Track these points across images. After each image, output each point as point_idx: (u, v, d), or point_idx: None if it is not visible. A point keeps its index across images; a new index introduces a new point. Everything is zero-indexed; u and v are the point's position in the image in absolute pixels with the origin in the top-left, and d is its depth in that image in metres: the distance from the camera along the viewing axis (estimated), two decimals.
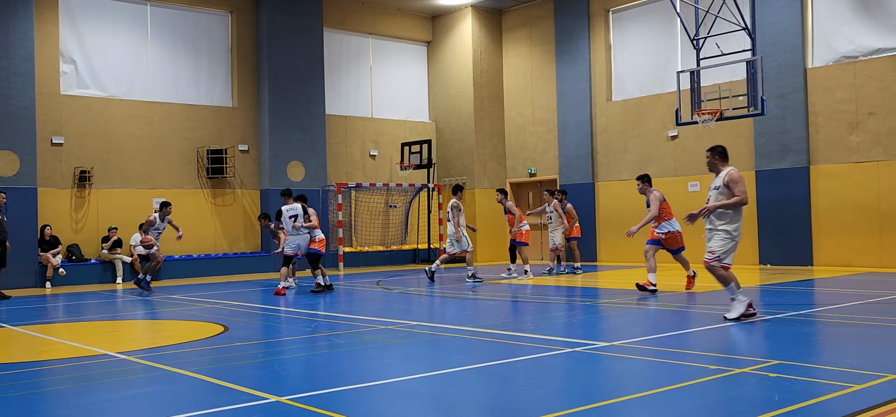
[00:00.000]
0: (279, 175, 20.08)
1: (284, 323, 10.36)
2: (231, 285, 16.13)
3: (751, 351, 7.19)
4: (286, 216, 13.51)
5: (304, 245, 13.61)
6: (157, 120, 18.96)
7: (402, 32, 23.22)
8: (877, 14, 16.38)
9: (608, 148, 20.71)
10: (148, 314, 11.88)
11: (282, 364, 7.18)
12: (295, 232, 13.51)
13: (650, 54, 20.05)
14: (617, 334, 8.31)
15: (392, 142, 22.77)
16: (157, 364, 7.02)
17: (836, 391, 5.31)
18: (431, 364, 6.94)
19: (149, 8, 19.15)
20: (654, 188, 12.44)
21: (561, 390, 5.85)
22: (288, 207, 13.62)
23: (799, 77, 17.10)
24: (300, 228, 13.51)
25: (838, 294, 11.63)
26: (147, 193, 18.70)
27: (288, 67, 20.26)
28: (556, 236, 16.62)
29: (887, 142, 16.03)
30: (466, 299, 12.44)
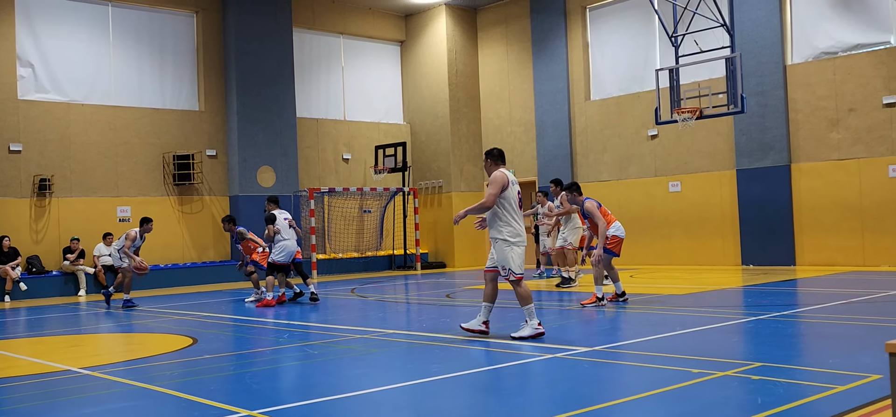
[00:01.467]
0: (249, 180, 19.53)
1: (256, 334, 10.16)
2: (200, 295, 15.69)
3: (734, 354, 7.14)
4: (282, 219, 12.95)
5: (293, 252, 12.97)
6: (120, 125, 18.32)
7: (374, 32, 22.80)
8: (856, 9, 16.27)
9: (587, 148, 20.43)
10: (113, 327, 11.59)
11: (253, 376, 6.98)
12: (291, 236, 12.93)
13: (628, 52, 19.82)
14: (598, 339, 8.25)
15: (366, 145, 22.32)
16: (122, 380, 6.83)
17: (819, 392, 5.32)
18: (409, 374, 6.76)
19: (110, 8, 18.52)
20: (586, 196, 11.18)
21: (542, 397, 5.74)
22: (280, 211, 13.15)
23: (778, 74, 16.94)
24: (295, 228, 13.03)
25: (821, 293, 11.58)
26: (111, 201, 18.06)
27: (256, 69, 19.73)
28: (548, 239, 16.32)
29: (868, 139, 15.90)
30: (444, 306, 12.18)
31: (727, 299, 11.67)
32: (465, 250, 22.40)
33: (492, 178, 8.05)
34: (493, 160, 8.24)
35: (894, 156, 15.55)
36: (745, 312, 10.02)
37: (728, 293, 12.45)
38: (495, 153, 8.28)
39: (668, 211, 18.67)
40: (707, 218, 18.11)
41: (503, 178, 7.96)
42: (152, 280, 18.00)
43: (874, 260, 15.76)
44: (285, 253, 12.79)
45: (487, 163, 8.30)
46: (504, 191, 7.93)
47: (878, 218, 15.74)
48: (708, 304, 10.89)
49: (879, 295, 10.85)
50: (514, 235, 7.95)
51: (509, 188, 7.98)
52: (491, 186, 8.00)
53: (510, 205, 7.95)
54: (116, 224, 18.02)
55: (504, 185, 7.94)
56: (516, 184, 8.16)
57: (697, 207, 18.27)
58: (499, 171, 8.06)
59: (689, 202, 18.43)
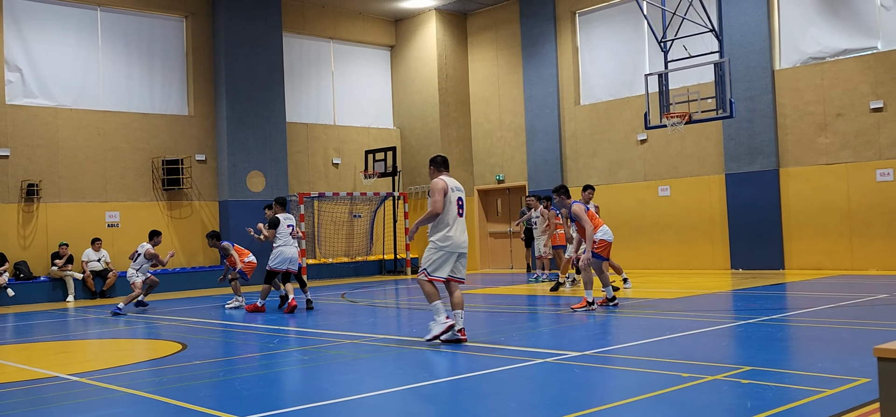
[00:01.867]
0: (238, 185, 19.47)
1: (246, 339, 10.10)
2: (190, 301, 15.63)
3: (724, 358, 7.18)
4: (285, 224, 12.43)
5: (295, 259, 12.48)
6: (108, 130, 18.23)
7: (364, 37, 22.79)
8: (843, 15, 16.38)
9: (577, 152, 20.47)
10: (102, 333, 11.54)
11: (243, 382, 6.96)
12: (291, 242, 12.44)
13: (618, 57, 19.88)
14: (588, 343, 8.24)
15: (356, 149, 22.30)
16: (111, 386, 6.76)
17: (809, 396, 5.33)
18: (400, 379, 6.75)
19: (99, 13, 18.44)
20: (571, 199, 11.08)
21: (533, 402, 5.73)
22: (285, 216, 12.57)
23: (767, 79, 17.03)
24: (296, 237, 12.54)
25: (810, 297, 11.62)
26: (99, 207, 17.97)
27: (246, 74, 19.68)
28: (541, 243, 16.38)
29: (856, 144, 16.00)
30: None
31: (717, 303, 11.71)
32: None
33: (432, 185, 8.28)
34: (436, 167, 8.45)
35: (882, 161, 15.65)
36: (735, 316, 10.06)
37: (718, 297, 12.50)
38: (438, 160, 8.49)
39: (658, 215, 18.72)
40: (696, 223, 18.17)
41: (444, 185, 8.19)
42: None
43: (862, 263, 15.85)
44: (280, 259, 12.30)
45: (431, 170, 8.53)
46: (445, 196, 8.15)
47: (866, 223, 15.83)
48: (698, 308, 10.92)
49: (867, 298, 10.91)
50: (445, 240, 8.15)
51: (450, 194, 8.21)
52: (434, 193, 8.20)
53: (449, 211, 8.15)
54: (105, 229, 17.93)
55: (445, 192, 8.16)
56: (460, 191, 8.34)
57: (687, 212, 18.33)
58: (439, 178, 8.29)
59: (678, 206, 18.49)
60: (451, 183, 8.27)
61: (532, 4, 21.19)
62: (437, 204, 8.11)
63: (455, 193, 8.25)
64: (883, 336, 7.54)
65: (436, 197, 8.14)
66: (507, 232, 22.52)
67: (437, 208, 8.12)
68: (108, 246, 17.72)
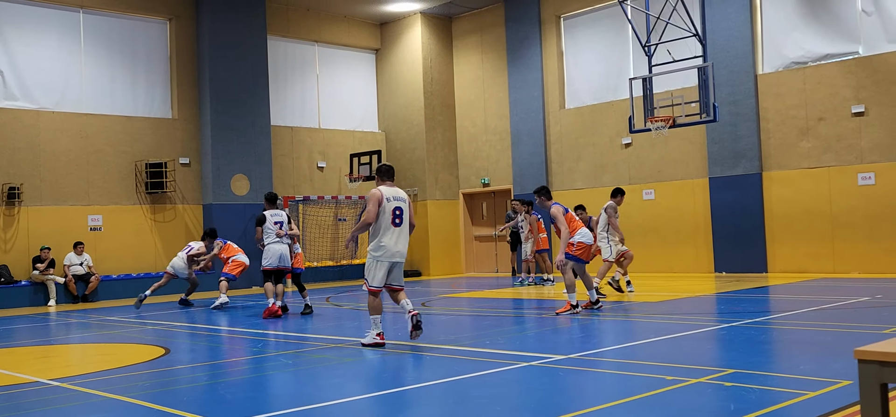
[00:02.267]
0: (223, 189, 19.36)
1: (229, 343, 10.04)
2: (173, 305, 15.49)
3: (707, 361, 7.21)
4: (271, 222, 12.19)
5: (286, 256, 12.23)
6: (91, 133, 18.09)
7: (349, 40, 22.74)
8: (825, 20, 16.52)
9: (562, 156, 20.52)
10: (83, 337, 11.42)
11: (226, 386, 6.92)
12: (277, 240, 12.18)
13: (603, 61, 19.96)
14: (573, 347, 8.24)
15: (341, 153, 22.24)
16: (92, 391, 6.68)
17: (791, 398, 5.37)
18: (384, 383, 6.74)
19: (81, 15, 18.30)
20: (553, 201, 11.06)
21: (518, 406, 5.75)
22: (272, 212, 12.32)
23: (750, 83, 17.14)
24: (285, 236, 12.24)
25: (792, 300, 11.70)
26: (81, 210, 17.82)
27: (231, 77, 19.59)
28: (528, 247, 16.50)
29: (837, 148, 16.13)
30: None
31: (700, 306, 11.76)
32: (441, 258, 22.38)
33: (370, 195, 8.40)
34: (379, 176, 8.63)
35: (863, 165, 15.79)
36: (719, 319, 10.10)
37: (701, 300, 12.56)
38: (382, 170, 8.67)
39: (642, 218, 18.79)
40: (680, 226, 18.25)
41: (379, 195, 8.34)
42: (124, 289, 17.78)
43: (844, 267, 15.97)
44: (269, 257, 12.08)
45: (375, 179, 8.69)
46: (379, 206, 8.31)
47: (848, 226, 15.96)
48: (682, 311, 10.97)
49: (849, 301, 10.99)
50: (377, 249, 8.32)
51: (384, 204, 8.33)
52: (369, 203, 8.35)
53: (383, 221, 8.30)
54: (87, 233, 17.79)
55: (380, 201, 8.30)
56: (399, 200, 8.44)
57: (671, 215, 18.41)
58: (377, 188, 8.44)
59: (662, 210, 18.57)
60: (388, 192, 8.41)
61: (517, 8, 21.24)
62: (368, 213, 8.32)
63: (391, 203, 8.38)
64: (864, 338, 7.60)
65: (369, 206, 8.34)
66: (492, 235, 22.53)
67: (368, 218, 8.31)
68: (91, 249, 17.58)
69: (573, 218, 10.97)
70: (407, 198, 8.58)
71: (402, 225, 8.41)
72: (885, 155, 15.51)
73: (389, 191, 8.42)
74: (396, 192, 8.49)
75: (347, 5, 21.77)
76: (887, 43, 15.66)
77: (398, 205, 8.42)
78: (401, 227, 8.40)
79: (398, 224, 8.38)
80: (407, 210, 8.49)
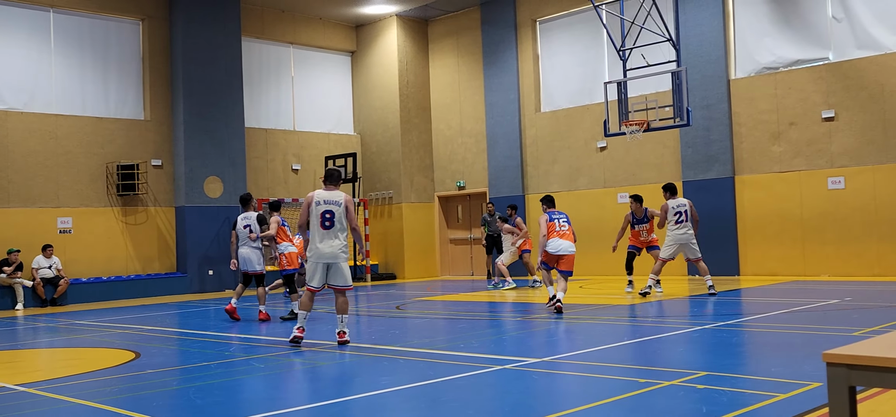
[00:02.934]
0: (196, 191, 19.18)
1: (201, 347, 9.90)
2: (144, 308, 15.34)
3: (680, 363, 7.24)
4: (241, 225, 11.94)
5: (251, 259, 11.86)
6: (61, 134, 17.84)
7: (324, 42, 22.65)
8: (796, 26, 16.72)
9: (537, 159, 20.58)
10: (51, 342, 11.25)
11: (197, 391, 6.85)
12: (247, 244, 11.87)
13: (578, 65, 20.05)
14: (546, 350, 8.28)
15: (315, 155, 22.13)
16: (60, 396, 6.63)
17: (762, 400, 5.42)
18: (359, 387, 6.71)
19: (51, 15, 18.04)
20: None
21: (491, 409, 5.80)
22: (243, 216, 12.02)
23: (722, 88, 17.31)
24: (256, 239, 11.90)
25: (764, 303, 11.81)
26: (51, 212, 17.56)
27: (204, 78, 19.41)
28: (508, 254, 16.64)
29: (808, 152, 16.33)
30: (394, 317, 12.09)
31: (673, 309, 11.84)
32: (416, 261, 22.34)
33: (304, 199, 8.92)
34: (323, 180, 8.96)
35: (833, 169, 15.99)
36: (691, 322, 10.17)
37: (674, 303, 12.64)
38: (326, 174, 8.99)
39: (617, 222, 18.77)
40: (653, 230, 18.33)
41: (310, 198, 8.82)
42: (94, 292, 17.54)
43: (814, 269, 16.16)
44: (241, 261, 11.92)
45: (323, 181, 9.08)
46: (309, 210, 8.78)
47: (818, 229, 16.16)
48: (655, 314, 11.03)
49: (819, 304, 11.12)
50: (310, 251, 8.79)
51: (313, 207, 8.73)
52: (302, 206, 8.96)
53: (313, 223, 8.72)
54: (56, 235, 17.53)
55: (309, 204, 8.78)
56: (330, 204, 8.71)
57: None
58: (314, 192, 8.87)
59: None
60: (320, 196, 8.76)
61: (493, 11, 21.28)
62: (300, 216, 8.86)
63: (321, 206, 8.71)
64: (834, 340, 7.69)
65: (301, 210, 8.84)
66: (467, 238, 22.53)
67: (299, 220, 8.93)
68: (60, 252, 17.32)
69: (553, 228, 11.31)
70: (343, 201, 8.71)
71: (331, 227, 8.68)
72: (855, 159, 15.72)
73: (322, 195, 8.75)
74: (330, 196, 8.75)
75: (323, 7, 21.68)
76: (857, 49, 15.89)
77: (329, 209, 8.69)
78: (330, 230, 8.69)
79: (328, 226, 8.68)
80: (340, 213, 8.68)
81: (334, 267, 8.75)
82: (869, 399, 5.19)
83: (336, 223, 8.69)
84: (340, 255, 8.75)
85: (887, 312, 9.86)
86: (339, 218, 8.70)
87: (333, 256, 8.71)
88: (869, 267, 15.49)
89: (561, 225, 11.49)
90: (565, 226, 11.51)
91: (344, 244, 8.76)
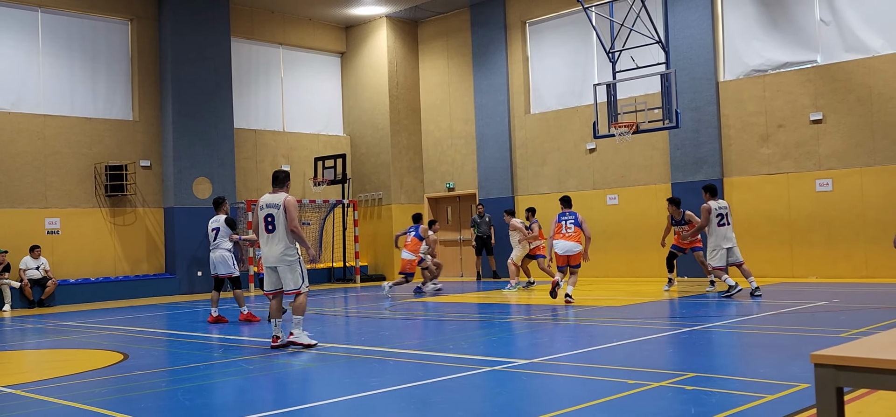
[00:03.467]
0: (184, 192, 19.11)
1: (190, 348, 9.85)
2: (133, 309, 15.27)
3: (668, 364, 7.27)
4: (210, 229, 12.01)
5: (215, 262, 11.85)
6: (49, 134, 17.74)
7: (314, 43, 22.61)
8: (784, 29, 16.81)
9: (527, 161, 20.61)
10: (39, 343, 11.18)
11: (186, 392, 6.83)
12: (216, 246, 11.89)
13: (567, 67, 20.09)
14: (536, 351, 8.29)
15: (305, 156, 22.09)
16: (47, 398, 6.61)
17: (750, 401, 5.45)
18: (348, 388, 6.70)
19: (39, 14, 17.94)
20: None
21: (481, 411, 5.80)
22: (213, 219, 12.05)
23: (711, 90, 17.38)
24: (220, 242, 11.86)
25: (752, 304, 11.82)
26: (38, 213, 17.46)
27: (193, 79, 19.35)
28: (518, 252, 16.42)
29: (796, 154, 16.42)
30: (383, 319, 12.08)
31: (662, 310, 11.88)
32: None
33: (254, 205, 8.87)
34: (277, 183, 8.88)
35: (821, 171, 16.08)
36: (680, 323, 10.21)
37: (663, 304, 12.68)
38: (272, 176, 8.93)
39: (606, 223, 18.93)
40: (643, 231, 18.41)
41: (257, 203, 8.84)
42: (82, 293, 17.45)
43: (802, 271, 16.25)
44: (210, 265, 11.99)
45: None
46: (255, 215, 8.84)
47: (806, 231, 16.24)
48: (644, 316, 11.06)
49: (807, 305, 11.18)
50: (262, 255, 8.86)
51: (257, 211, 8.75)
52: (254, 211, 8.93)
53: (260, 228, 8.78)
54: (44, 236, 17.43)
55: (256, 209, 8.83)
56: (270, 208, 8.65)
57: (634, 220, 18.57)
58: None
59: (626, 214, 18.73)
60: (263, 200, 8.73)
61: (483, 13, 21.30)
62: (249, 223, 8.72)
63: (264, 210, 8.67)
64: (821, 342, 7.73)
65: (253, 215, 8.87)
66: (457, 239, 22.54)
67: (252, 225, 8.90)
68: (48, 253, 17.23)
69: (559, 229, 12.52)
70: (281, 204, 8.55)
71: (273, 231, 8.59)
72: (843, 161, 15.82)
73: (265, 199, 8.70)
74: (272, 199, 8.65)
75: (312, 8, 21.65)
76: (844, 52, 15.99)
77: (270, 213, 8.61)
78: (272, 234, 8.61)
79: (270, 230, 8.62)
80: (279, 216, 8.53)
81: (277, 272, 8.68)
82: (856, 400, 5.22)
83: (277, 227, 8.55)
84: (283, 260, 8.57)
85: (875, 313, 9.93)
86: (279, 222, 8.54)
87: (275, 260, 8.60)
88: (856, 268, 15.58)
89: (567, 227, 12.38)
90: (571, 227, 12.38)
91: (287, 247, 8.55)
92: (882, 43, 15.55)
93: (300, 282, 8.71)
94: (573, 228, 12.24)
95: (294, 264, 8.66)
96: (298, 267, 8.70)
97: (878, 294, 12.35)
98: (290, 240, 8.60)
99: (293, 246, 8.66)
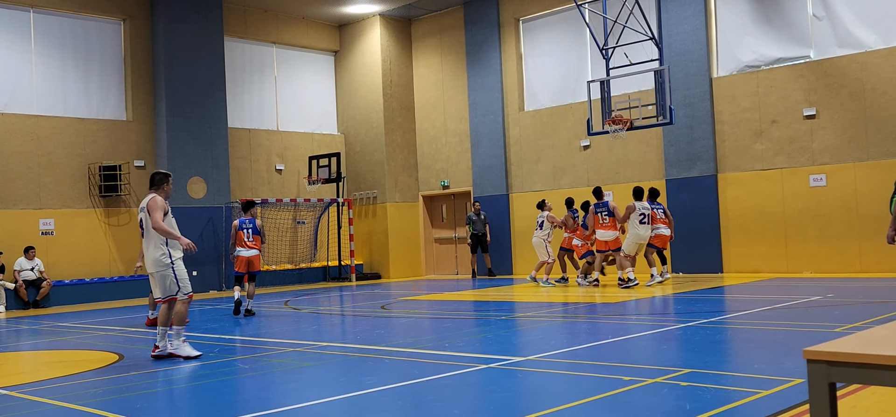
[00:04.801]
0: (179, 192, 19.06)
1: None
2: (128, 310, 15.25)
3: (664, 361, 7.28)
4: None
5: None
6: (43, 135, 17.69)
7: (307, 41, 22.58)
8: (777, 24, 16.85)
9: (521, 158, 20.62)
10: (35, 344, 11.16)
11: (181, 392, 6.85)
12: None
13: (561, 64, 20.11)
14: (531, 348, 8.30)
15: (299, 155, 22.07)
16: (43, 399, 6.59)
17: (745, 397, 5.48)
18: (344, 387, 6.68)
19: (32, 14, 17.88)
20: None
21: (477, 409, 5.78)
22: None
23: (705, 86, 17.41)
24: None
25: (747, 300, 11.88)
26: (32, 214, 17.41)
27: (187, 78, 19.31)
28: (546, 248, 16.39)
29: (789, 150, 16.46)
30: (379, 317, 12.08)
31: (657, 306, 11.91)
32: (401, 261, 22.32)
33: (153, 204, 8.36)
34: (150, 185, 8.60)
35: (815, 167, 16.13)
36: (675, 319, 10.23)
37: (658, 300, 12.71)
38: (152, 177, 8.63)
39: None
40: None
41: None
42: (77, 294, 17.41)
43: (797, 266, 16.30)
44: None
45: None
46: None
47: (800, 227, 16.29)
48: (638, 312, 11.09)
49: (801, 300, 11.21)
50: None
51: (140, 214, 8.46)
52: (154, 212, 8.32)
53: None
54: (38, 237, 17.39)
55: None
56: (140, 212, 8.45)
57: None
58: None
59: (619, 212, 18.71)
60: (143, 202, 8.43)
61: (476, 11, 21.30)
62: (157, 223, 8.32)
63: (140, 214, 8.46)
64: (816, 337, 7.76)
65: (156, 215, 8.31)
66: (452, 237, 22.55)
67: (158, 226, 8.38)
68: (43, 254, 17.19)
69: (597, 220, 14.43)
70: (145, 205, 8.35)
71: (145, 235, 8.37)
72: (836, 156, 15.87)
73: (144, 201, 8.41)
74: (143, 203, 8.44)
75: (306, 7, 21.62)
76: (837, 47, 16.03)
77: (140, 216, 8.45)
78: (144, 238, 8.39)
79: (143, 235, 8.43)
80: (146, 218, 8.34)
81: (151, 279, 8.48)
82: (849, 395, 5.25)
83: (146, 229, 8.31)
84: (156, 265, 8.29)
85: (868, 308, 9.96)
86: (147, 225, 8.29)
87: (151, 266, 8.34)
88: (850, 263, 15.64)
89: (603, 219, 14.47)
90: (607, 218, 14.40)
91: (160, 252, 8.27)
92: (875, 38, 15.60)
93: (171, 290, 8.37)
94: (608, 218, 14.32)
95: (166, 271, 8.31)
96: (171, 274, 8.33)
97: (872, 288, 12.40)
98: (161, 241, 8.28)
99: (167, 249, 8.31)
